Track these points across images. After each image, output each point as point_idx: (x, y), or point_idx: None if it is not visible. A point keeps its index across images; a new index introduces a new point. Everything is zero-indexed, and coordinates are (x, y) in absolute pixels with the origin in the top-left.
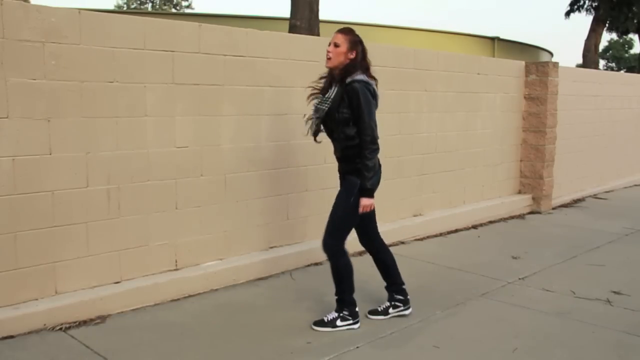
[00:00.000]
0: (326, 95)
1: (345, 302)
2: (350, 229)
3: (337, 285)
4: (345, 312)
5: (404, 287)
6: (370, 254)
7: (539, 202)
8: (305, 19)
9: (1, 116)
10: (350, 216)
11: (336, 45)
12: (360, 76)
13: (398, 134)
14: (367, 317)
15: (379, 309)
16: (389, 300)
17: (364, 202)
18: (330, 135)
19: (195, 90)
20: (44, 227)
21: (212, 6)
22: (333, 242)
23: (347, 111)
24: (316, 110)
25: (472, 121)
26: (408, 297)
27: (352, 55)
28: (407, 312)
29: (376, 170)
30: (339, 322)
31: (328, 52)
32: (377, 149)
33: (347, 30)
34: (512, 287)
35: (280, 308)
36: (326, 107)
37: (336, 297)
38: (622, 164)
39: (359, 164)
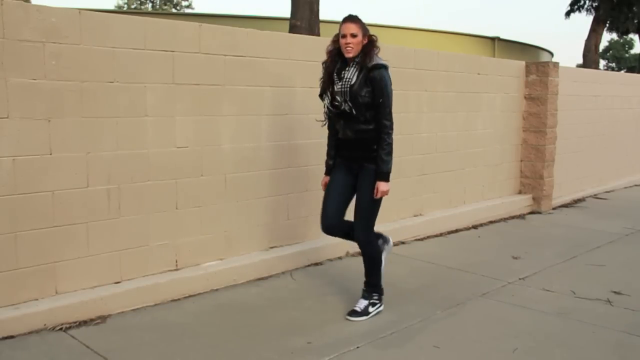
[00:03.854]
0: (345, 77)
1: (378, 286)
2: (377, 215)
3: (371, 271)
4: (375, 297)
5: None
6: (336, 234)
7: (539, 202)
8: (305, 19)
9: (1, 116)
10: (378, 206)
11: (353, 36)
12: (381, 60)
13: (398, 134)
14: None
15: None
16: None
17: (383, 186)
18: (342, 116)
19: (195, 90)
20: (44, 227)
21: (212, 6)
22: (369, 233)
23: (369, 95)
24: (342, 93)
25: (473, 121)
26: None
27: (366, 41)
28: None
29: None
30: (370, 309)
31: (348, 43)
32: (392, 132)
33: (356, 18)
34: (512, 287)
35: (280, 308)
36: (347, 88)
37: (367, 283)
38: (622, 164)
39: (377, 148)
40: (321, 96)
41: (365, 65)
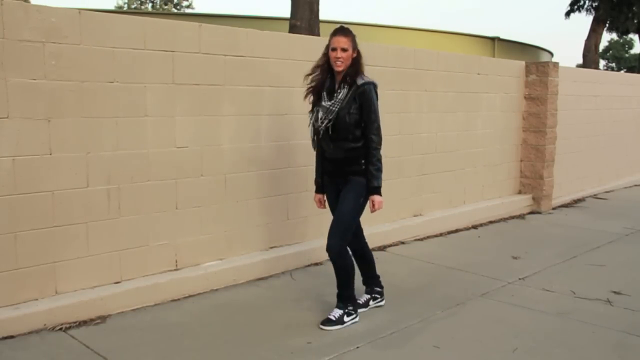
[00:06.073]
0: (338, 97)
1: (352, 298)
2: (353, 229)
3: (344, 283)
4: (350, 307)
5: (380, 279)
6: (355, 252)
7: (539, 202)
8: (305, 19)
9: (1, 116)
10: (357, 217)
11: (344, 50)
12: (368, 78)
13: (398, 134)
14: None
15: (361, 302)
16: (369, 292)
17: (378, 199)
18: (329, 137)
19: (195, 90)
20: (44, 227)
21: (212, 6)
22: (341, 244)
23: (357, 112)
24: (328, 111)
25: (472, 121)
26: (383, 288)
27: (355, 55)
28: (382, 303)
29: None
30: (345, 318)
31: (338, 58)
32: (381, 148)
33: (347, 31)
34: (512, 287)
35: (280, 308)
36: (337, 108)
37: (340, 295)
38: (622, 164)
39: (365, 164)
40: (313, 111)
41: (355, 84)
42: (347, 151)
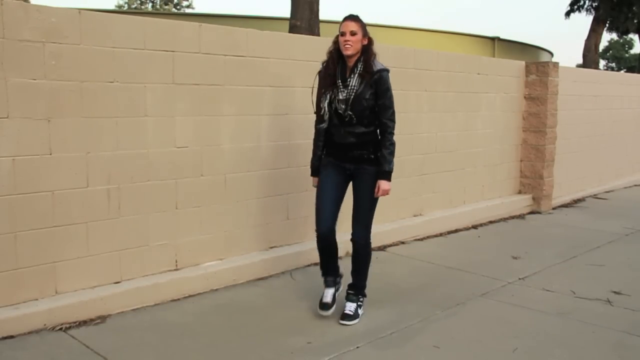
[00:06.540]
0: (351, 85)
1: (365, 288)
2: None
3: (362, 273)
4: (361, 300)
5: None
6: (331, 242)
7: (539, 202)
8: (305, 19)
9: (1, 116)
10: (375, 207)
11: (353, 34)
12: (381, 64)
13: (398, 134)
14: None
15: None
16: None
17: (385, 185)
18: (342, 123)
19: (195, 90)
20: (44, 227)
21: (212, 6)
22: (367, 234)
23: (372, 98)
24: (344, 101)
25: (472, 121)
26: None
27: (365, 42)
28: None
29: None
30: (359, 311)
31: (347, 40)
32: (394, 133)
33: (357, 17)
34: (512, 287)
35: (280, 308)
36: (352, 96)
37: (356, 285)
38: (622, 164)
39: (379, 148)
40: (324, 95)
41: (367, 68)
42: (359, 136)
